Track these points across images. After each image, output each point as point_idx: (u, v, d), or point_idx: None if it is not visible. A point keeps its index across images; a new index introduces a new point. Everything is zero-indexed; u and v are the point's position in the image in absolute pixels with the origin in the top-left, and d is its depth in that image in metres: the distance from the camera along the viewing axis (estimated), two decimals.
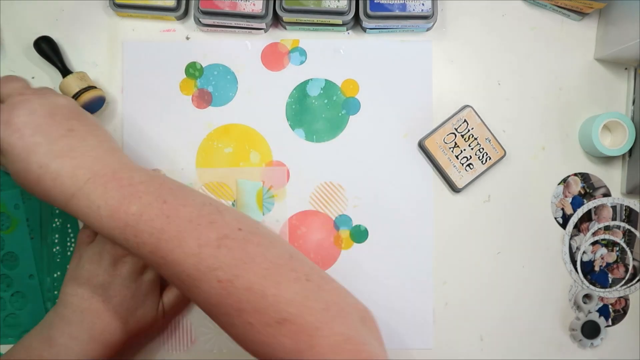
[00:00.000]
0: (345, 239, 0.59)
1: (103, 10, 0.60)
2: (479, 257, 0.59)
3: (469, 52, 0.60)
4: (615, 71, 0.60)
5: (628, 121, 0.57)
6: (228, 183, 0.59)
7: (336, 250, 0.59)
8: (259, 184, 0.58)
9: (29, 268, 0.58)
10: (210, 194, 0.59)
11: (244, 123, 0.59)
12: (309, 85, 0.60)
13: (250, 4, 0.56)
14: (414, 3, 0.56)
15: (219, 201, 0.44)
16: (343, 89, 0.60)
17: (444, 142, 0.58)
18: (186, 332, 0.59)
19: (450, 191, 0.59)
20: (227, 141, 0.59)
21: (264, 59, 0.60)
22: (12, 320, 0.58)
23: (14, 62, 0.59)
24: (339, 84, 0.60)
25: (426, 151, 0.58)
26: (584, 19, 0.60)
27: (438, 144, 0.58)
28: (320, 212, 0.59)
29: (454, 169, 0.58)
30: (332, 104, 0.59)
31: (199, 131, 0.59)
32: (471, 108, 0.58)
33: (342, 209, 0.59)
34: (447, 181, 0.59)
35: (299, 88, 0.59)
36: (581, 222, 0.60)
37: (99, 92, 0.57)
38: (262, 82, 0.59)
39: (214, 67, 0.59)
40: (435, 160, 0.58)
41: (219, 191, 0.59)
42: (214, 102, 0.59)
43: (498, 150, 0.58)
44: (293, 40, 0.60)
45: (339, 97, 0.60)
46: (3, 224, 0.58)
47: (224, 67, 0.59)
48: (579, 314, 0.59)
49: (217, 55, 0.59)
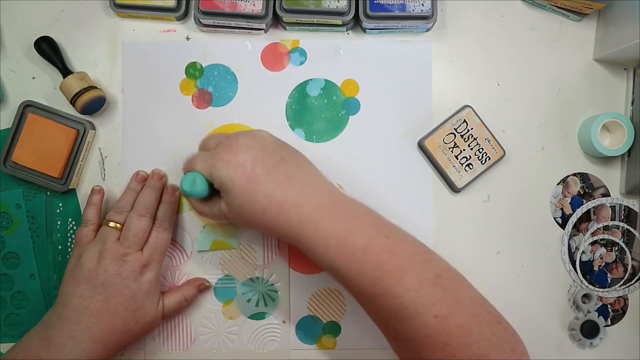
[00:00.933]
0: None
1: (103, 10, 0.60)
2: (478, 257, 0.59)
3: (469, 52, 0.60)
4: (615, 71, 0.60)
5: (627, 121, 0.57)
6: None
7: None
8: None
9: (30, 268, 0.58)
10: None
11: (244, 123, 0.59)
12: (309, 86, 0.60)
13: (250, 4, 0.56)
14: (414, 3, 0.56)
15: (421, 241, 0.47)
16: (343, 89, 0.60)
17: (443, 142, 0.58)
18: (186, 332, 0.59)
19: (450, 191, 0.59)
20: None
21: (264, 59, 0.60)
22: (12, 320, 0.58)
23: (14, 62, 0.59)
24: (339, 84, 0.60)
25: (426, 151, 0.58)
26: (583, 19, 0.60)
27: (438, 144, 0.58)
28: None
29: (453, 169, 0.58)
30: (332, 104, 0.60)
31: (199, 131, 0.59)
32: (471, 108, 0.58)
33: None
34: (447, 181, 0.59)
35: (299, 88, 0.60)
36: (580, 222, 0.60)
37: (99, 92, 0.57)
38: (262, 82, 0.59)
39: (214, 67, 0.60)
40: (435, 160, 0.58)
41: None
42: (214, 102, 0.59)
43: (497, 150, 0.59)
44: (293, 40, 0.60)
45: (339, 97, 0.60)
46: (4, 224, 0.59)
47: (224, 67, 0.60)
48: (578, 313, 0.59)
49: (217, 56, 0.60)
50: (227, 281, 0.59)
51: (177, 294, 0.56)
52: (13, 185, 0.59)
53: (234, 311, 0.59)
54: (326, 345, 0.59)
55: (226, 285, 0.59)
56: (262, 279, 0.59)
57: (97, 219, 0.55)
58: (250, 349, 0.59)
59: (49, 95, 0.59)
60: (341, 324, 0.59)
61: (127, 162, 0.59)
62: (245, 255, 0.59)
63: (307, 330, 0.59)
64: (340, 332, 0.59)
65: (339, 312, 0.59)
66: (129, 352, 0.58)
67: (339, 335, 0.59)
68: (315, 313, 0.59)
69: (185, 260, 0.59)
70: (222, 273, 0.59)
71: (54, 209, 0.59)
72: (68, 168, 0.57)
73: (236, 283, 0.59)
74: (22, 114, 0.57)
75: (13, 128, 0.57)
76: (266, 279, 0.59)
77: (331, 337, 0.59)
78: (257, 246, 0.59)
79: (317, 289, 0.59)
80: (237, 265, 0.59)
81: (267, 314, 0.59)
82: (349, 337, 0.59)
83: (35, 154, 0.57)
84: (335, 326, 0.59)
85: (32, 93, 0.59)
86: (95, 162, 0.59)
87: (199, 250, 0.59)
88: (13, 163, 0.57)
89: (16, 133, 0.57)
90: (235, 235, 0.59)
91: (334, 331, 0.59)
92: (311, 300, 0.59)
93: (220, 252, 0.59)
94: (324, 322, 0.59)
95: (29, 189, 0.59)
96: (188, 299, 0.57)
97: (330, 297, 0.59)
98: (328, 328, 0.59)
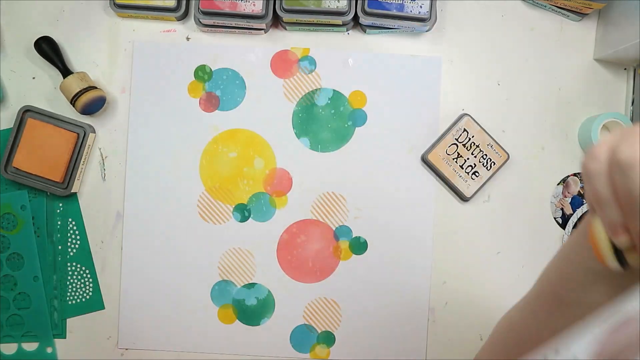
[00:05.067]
0: (345, 249, 0.59)
1: (104, 10, 0.60)
2: (478, 256, 0.59)
3: (469, 52, 0.60)
4: (615, 71, 0.60)
5: (627, 121, 0.57)
6: (231, 188, 0.59)
7: (335, 261, 0.59)
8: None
9: (34, 269, 0.58)
10: (213, 199, 0.59)
11: (250, 129, 0.59)
12: (317, 95, 0.59)
13: (250, 5, 0.56)
14: (412, 4, 0.56)
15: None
16: (351, 99, 0.59)
17: (446, 153, 0.58)
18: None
19: (459, 201, 0.59)
20: (232, 146, 0.59)
21: (273, 66, 0.59)
22: (14, 320, 0.58)
23: (14, 62, 0.59)
24: (347, 95, 0.59)
25: (430, 165, 0.58)
26: (583, 19, 0.60)
27: (441, 157, 0.58)
28: (320, 221, 0.59)
29: (460, 179, 0.58)
30: (338, 114, 0.59)
31: (205, 134, 0.59)
32: (469, 116, 0.58)
33: (343, 220, 0.59)
34: (455, 192, 0.58)
35: (306, 97, 0.59)
36: (580, 222, 0.60)
37: (100, 92, 0.57)
38: (270, 88, 0.59)
39: (223, 71, 0.59)
40: (441, 173, 0.58)
41: (223, 196, 0.59)
42: (221, 106, 0.59)
43: (501, 154, 0.58)
44: (303, 48, 0.59)
45: (346, 108, 0.59)
46: (9, 225, 0.59)
47: (233, 72, 0.59)
48: None
49: (226, 60, 0.59)
50: (224, 286, 0.59)
51: None
52: (14, 187, 0.59)
53: (229, 315, 0.59)
54: (320, 355, 0.59)
55: (223, 289, 0.59)
56: (259, 285, 0.59)
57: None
58: (245, 355, 0.59)
59: (49, 96, 0.59)
60: (335, 335, 0.59)
61: (130, 162, 0.59)
62: (244, 260, 0.59)
63: (302, 339, 0.59)
64: (335, 343, 0.59)
65: (334, 322, 0.59)
66: (129, 352, 0.59)
67: (333, 345, 0.59)
68: (310, 322, 0.59)
69: None
70: (220, 277, 0.59)
71: (54, 210, 0.59)
72: (70, 172, 0.57)
73: (233, 288, 0.59)
74: (22, 119, 0.57)
75: (13, 133, 0.57)
76: (263, 285, 0.59)
77: (325, 347, 0.59)
78: (256, 252, 0.59)
79: (314, 297, 0.59)
80: (234, 270, 0.59)
81: (262, 320, 0.59)
82: (343, 348, 0.59)
83: (36, 159, 0.57)
84: (329, 336, 0.59)
85: (32, 93, 0.59)
86: (96, 162, 0.59)
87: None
88: (14, 169, 0.57)
89: (16, 138, 0.57)
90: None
91: (328, 341, 0.59)
92: (307, 309, 0.59)
93: (220, 256, 0.59)
94: (318, 331, 0.59)
95: (30, 189, 0.59)
96: None
97: (326, 307, 0.59)
98: (322, 338, 0.59)
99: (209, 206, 0.59)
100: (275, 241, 0.59)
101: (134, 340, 0.59)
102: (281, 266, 0.59)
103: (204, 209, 0.59)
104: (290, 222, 0.59)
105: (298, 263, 0.59)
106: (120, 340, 0.59)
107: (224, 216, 0.59)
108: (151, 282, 0.59)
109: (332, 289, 0.59)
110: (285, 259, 0.59)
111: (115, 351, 0.59)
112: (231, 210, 0.59)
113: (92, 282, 0.59)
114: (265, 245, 0.59)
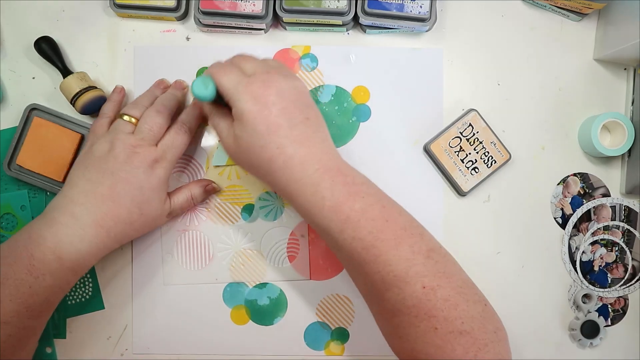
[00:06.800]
0: None
1: (103, 10, 0.60)
2: (478, 256, 0.59)
3: (469, 52, 0.60)
4: (615, 71, 0.60)
5: (627, 121, 0.57)
6: (238, 188, 0.59)
7: None
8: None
9: None
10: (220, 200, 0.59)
11: None
12: (320, 92, 0.59)
13: (250, 5, 0.56)
14: (412, 4, 0.56)
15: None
16: (354, 95, 0.59)
17: (449, 145, 0.58)
18: (205, 248, 0.59)
19: (456, 195, 0.59)
20: None
21: None
22: None
23: (14, 62, 0.59)
24: (350, 91, 0.59)
25: (431, 155, 0.58)
26: (584, 19, 0.60)
27: (443, 148, 0.58)
28: None
29: (459, 173, 0.58)
30: (342, 110, 0.59)
31: (210, 135, 0.59)
32: (476, 112, 0.58)
33: None
34: (453, 185, 0.59)
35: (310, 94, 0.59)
36: (580, 222, 0.60)
37: (100, 93, 0.57)
38: None
39: None
40: (441, 164, 0.58)
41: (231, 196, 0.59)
42: None
43: (503, 153, 0.58)
44: (304, 46, 0.59)
45: (350, 104, 0.59)
46: (9, 224, 0.58)
47: None
48: (578, 313, 0.59)
49: None
50: (236, 286, 0.59)
51: (184, 191, 0.56)
52: (14, 187, 0.59)
53: (242, 316, 0.59)
54: (334, 352, 0.59)
55: (235, 290, 0.59)
56: (270, 284, 0.59)
57: (113, 113, 0.55)
58: (259, 355, 0.59)
59: (49, 96, 0.59)
60: (349, 331, 0.59)
61: None
62: (254, 260, 0.59)
63: (315, 336, 0.59)
64: (349, 339, 0.59)
65: (347, 318, 0.59)
66: (128, 353, 0.59)
67: (347, 342, 0.59)
68: (324, 319, 0.59)
69: (201, 177, 0.59)
70: (231, 279, 0.59)
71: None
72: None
73: (245, 288, 0.59)
74: (28, 118, 0.57)
75: (18, 131, 0.57)
76: (275, 285, 0.59)
77: (339, 343, 0.59)
78: (266, 251, 0.59)
79: (326, 295, 0.59)
80: (246, 271, 0.59)
81: (275, 319, 0.59)
82: (357, 344, 0.59)
83: (40, 157, 0.56)
84: (343, 332, 0.59)
85: (32, 93, 0.59)
86: None
87: (215, 165, 0.58)
88: (17, 166, 0.57)
89: (21, 136, 0.57)
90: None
91: (342, 338, 0.59)
92: (320, 306, 0.59)
93: (231, 257, 0.59)
94: (332, 328, 0.59)
95: (30, 189, 0.59)
96: (195, 197, 0.56)
97: (339, 304, 0.59)
98: (336, 334, 0.59)
99: (217, 207, 0.59)
100: (285, 240, 0.59)
101: (148, 345, 0.59)
102: (292, 264, 0.59)
103: (212, 210, 0.59)
104: (299, 220, 0.59)
105: (309, 261, 0.59)
106: (134, 347, 0.59)
107: (232, 217, 0.59)
108: (162, 288, 0.59)
109: (344, 285, 0.59)
110: (296, 257, 0.59)
111: (115, 351, 0.59)
112: (239, 210, 0.59)
113: (92, 282, 0.58)
114: (275, 244, 0.59)
